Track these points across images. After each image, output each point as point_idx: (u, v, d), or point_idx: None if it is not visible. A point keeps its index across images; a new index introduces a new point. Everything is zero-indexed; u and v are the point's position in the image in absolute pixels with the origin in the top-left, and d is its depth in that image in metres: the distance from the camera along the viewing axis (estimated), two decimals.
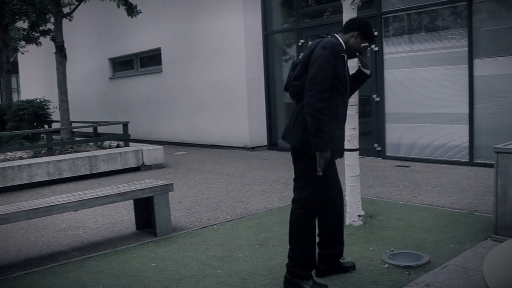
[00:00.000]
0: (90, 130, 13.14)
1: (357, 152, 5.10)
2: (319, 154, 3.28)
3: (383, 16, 9.26)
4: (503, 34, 7.83)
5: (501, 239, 4.26)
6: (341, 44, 3.47)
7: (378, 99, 9.44)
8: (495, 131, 7.97)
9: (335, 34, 3.57)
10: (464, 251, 4.16)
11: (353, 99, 5.04)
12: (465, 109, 8.24)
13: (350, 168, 5.07)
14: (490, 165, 7.65)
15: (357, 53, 3.60)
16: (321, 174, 3.34)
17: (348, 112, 5.05)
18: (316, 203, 3.52)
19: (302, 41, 10.83)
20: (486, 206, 5.62)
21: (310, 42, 3.56)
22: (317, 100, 3.25)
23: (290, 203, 3.63)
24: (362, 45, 3.56)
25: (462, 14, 8.24)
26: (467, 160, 8.28)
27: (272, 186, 7.44)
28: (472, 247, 4.26)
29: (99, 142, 10.79)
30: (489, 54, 7.99)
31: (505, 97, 7.91)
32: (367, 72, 3.69)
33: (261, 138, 11.81)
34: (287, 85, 3.56)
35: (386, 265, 3.92)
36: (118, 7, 10.38)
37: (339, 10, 9.83)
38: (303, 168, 3.49)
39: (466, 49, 8.15)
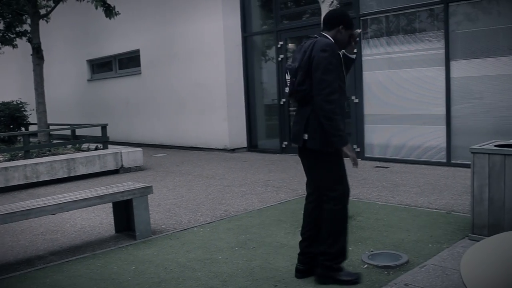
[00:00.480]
0: (68, 132, 12.95)
1: None
2: (345, 149, 3.50)
3: (361, 18, 9.34)
4: (478, 37, 7.95)
5: (477, 238, 4.32)
6: (334, 43, 3.58)
7: (356, 100, 9.51)
8: (471, 132, 8.09)
9: (323, 33, 3.67)
10: (442, 251, 4.21)
11: None
12: (443, 110, 8.34)
13: None
14: (467, 166, 7.71)
15: (352, 42, 3.72)
16: (357, 166, 3.64)
17: None
18: (347, 195, 3.78)
19: (281, 42, 10.86)
20: (463, 206, 5.69)
21: (303, 43, 3.66)
22: (328, 103, 3.41)
23: (270, 204, 3.64)
24: (354, 32, 3.69)
25: (438, 16, 8.35)
26: (445, 161, 8.38)
27: (252, 187, 7.44)
28: (449, 246, 4.31)
29: (77, 145, 10.67)
30: (465, 56, 8.10)
31: (481, 99, 8.03)
32: (353, 56, 3.77)
33: (241, 139, 11.81)
34: (292, 91, 3.59)
35: (366, 266, 3.94)
36: (96, 8, 10.27)
37: (317, 12, 9.86)
38: (328, 167, 3.65)
39: (443, 51, 8.26)
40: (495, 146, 4.45)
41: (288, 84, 3.59)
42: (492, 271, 2.44)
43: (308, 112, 3.55)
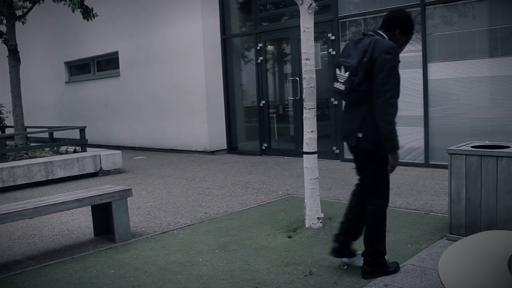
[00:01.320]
0: (46, 135, 12.83)
1: (316, 155, 5.15)
2: (392, 156, 3.52)
3: (340, 20, 9.40)
4: (455, 39, 8.06)
5: (455, 238, 4.38)
6: None
7: (336, 102, 9.56)
8: (449, 133, 8.19)
9: (379, 32, 3.62)
10: (421, 251, 4.25)
11: (311, 102, 5.10)
12: (421, 112, 8.43)
13: (309, 171, 5.12)
14: (445, 166, 7.84)
15: (403, 48, 3.78)
16: (391, 172, 3.63)
17: (306, 115, 5.14)
18: (388, 198, 3.84)
19: (260, 44, 10.88)
20: (441, 206, 5.76)
21: (357, 40, 3.62)
22: (389, 106, 3.44)
23: (250, 206, 3.64)
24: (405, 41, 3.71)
25: (416, 19, 8.43)
26: (423, 162, 8.47)
27: (232, 190, 7.43)
28: (428, 246, 4.36)
29: (55, 148, 10.55)
30: (442, 58, 8.21)
31: (457, 100, 8.14)
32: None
33: (221, 142, 11.79)
34: (350, 89, 3.53)
35: (345, 267, 3.97)
36: (73, 11, 10.17)
37: (296, 14, 9.92)
38: (380, 166, 3.65)
39: (421, 53, 8.36)
40: (472, 147, 4.52)
41: (344, 81, 3.55)
42: (469, 270, 2.47)
43: (364, 111, 3.58)
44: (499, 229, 4.09)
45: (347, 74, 3.53)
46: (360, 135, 3.60)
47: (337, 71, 3.65)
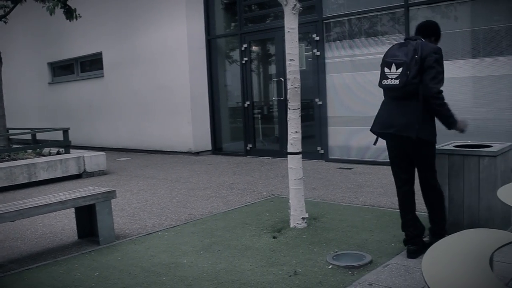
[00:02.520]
0: (29, 137, 12.70)
1: (300, 155, 5.16)
2: (460, 124, 4.10)
3: (324, 21, 9.44)
4: None
5: None
6: None
7: (320, 102, 9.60)
8: None
9: (422, 39, 4.10)
10: (405, 250, 4.27)
11: (296, 103, 5.10)
12: None
13: (294, 171, 5.12)
14: None
15: None
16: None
17: (290, 115, 5.15)
18: None
19: (245, 45, 10.88)
20: (424, 205, 5.79)
21: (403, 43, 4.06)
22: (441, 93, 3.94)
23: (235, 207, 3.64)
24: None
25: (400, 20, 8.51)
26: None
27: (217, 190, 7.42)
28: None
29: (38, 149, 10.45)
30: None
31: None
32: None
33: (205, 142, 11.77)
34: (406, 83, 3.87)
35: (330, 266, 3.98)
36: (51, 14, 10.04)
37: (281, 15, 9.93)
38: (432, 155, 4.14)
39: None
40: (455, 146, 4.56)
41: (396, 76, 3.90)
42: (452, 268, 2.49)
43: (417, 105, 3.93)
44: (482, 227, 4.14)
45: (399, 70, 3.91)
46: (417, 126, 3.93)
47: (386, 69, 4.00)
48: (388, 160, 4.36)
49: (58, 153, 10.18)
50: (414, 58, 3.87)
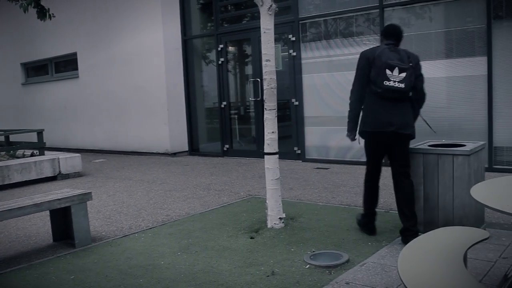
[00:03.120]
0: (2, 139, 12.50)
1: (277, 156, 5.17)
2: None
3: (300, 22, 9.47)
4: (412, 41, 8.22)
5: None
6: None
7: (297, 103, 9.63)
8: None
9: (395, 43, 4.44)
10: (381, 248, 4.32)
11: (272, 103, 5.11)
12: None
13: (271, 172, 5.13)
14: None
15: None
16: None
17: (267, 116, 5.16)
18: None
19: (221, 46, 10.86)
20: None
21: (394, 49, 4.36)
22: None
23: (212, 208, 3.63)
24: None
25: (375, 21, 8.58)
26: (383, 161, 8.59)
27: (194, 191, 7.40)
28: (388, 244, 4.44)
29: (11, 151, 10.28)
30: None
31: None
32: None
33: (182, 143, 11.73)
34: (409, 85, 4.27)
35: (308, 266, 4.00)
36: (25, 12, 9.89)
37: (257, 16, 9.94)
38: (408, 148, 4.54)
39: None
40: (429, 146, 4.62)
41: (401, 80, 4.23)
42: (427, 266, 2.53)
43: (410, 106, 4.40)
44: (456, 225, 4.20)
45: (403, 74, 4.23)
46: (413, 125, 4.44)
47: (388, 71, 4.22)
48: (364, 160, 4.43)
49: (32, 155, 10.04)
50: (410, 65, 4.26)
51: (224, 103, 10.95)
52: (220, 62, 10.92)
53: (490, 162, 7.58)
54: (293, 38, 9.57)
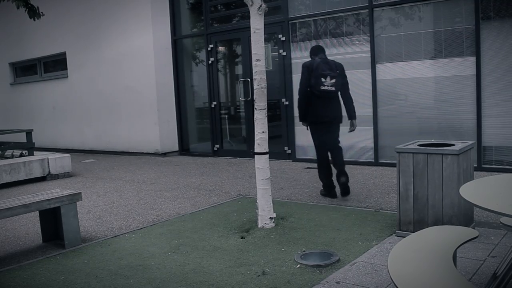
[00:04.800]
0: None
1: (267, 156, 5.18)
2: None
3: (290, 22, 9.49)
4: (401, 41, 8.27)
5: (404, 234, 4.49)
6: None
7: (287, 103, 9.64)
8: (397, 132, 8.40)
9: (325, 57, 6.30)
10: (371, 248, 4.34)
11: (262, 103, 5.12)
12: (370, 112, 8.61)
13: (261, 171, 5.14)
14: (394, 165, 8.04)
15: None
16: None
17: (257, 116, 5.16)
18: None
19: (211, 45, 10.85)
20: (390, 203, 5.90)
21: (324, 60, 6.14)
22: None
23: (203, 208, 3.63)
24: None
25: (364, 21, 8.61)
26: (373, 160, 8.65)
27: (184, 191, 7.39)
28: (378, 243, 4.46)
29: (0, 152, 10.21)
30: (389, 59, 8.40)
31: (405, 100, 8.35)
32: None
33: (172, 143, 11.70)
34: (338, 88, 6.12)
35: (298, 265, 4.01)
36: (18, 8, 9.84)
37: (247, 16, 9.95)
38: (339, 129, 6.42)
39: (369, 54, 8.54)
40: (419, 145, 4.65)
41: (332, 85, 6.03)
42: (417, 265, 2.54)
43: (339, 102, 6.28)
44: (445, 224, 4.23)
45: (333, 80, 6.03)
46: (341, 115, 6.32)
47: (322, 79, 5.98)
48: (354, 159, 4.44)
49: (21, 155, 9.97)
50: (337, 72, 6.07)
51: (214, 103, 10.94)
52: (210, 62, 10.91)
53: (479, 162, 7.64)
54: (283, 38, 9.59)
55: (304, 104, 6.19)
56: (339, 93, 6.18)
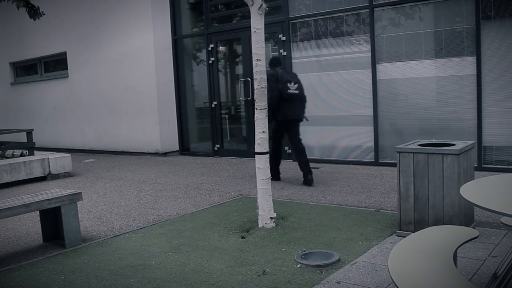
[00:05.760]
0: None
1: (268, 155, 5.18)
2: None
3: (290, 21, 9.49)
4: (402, 41, 8.26)
5: (404, 234, 4.49)
6: None
7: None
8: (397, 132, 8.40)
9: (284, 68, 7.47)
10: (372, 248, 4.34)
11: (262, 103, 5.12)
12: (370, 112, 8.61)
13: (261, 171, 5.14)
14: (394, 165, 8.05)
15: None
16: None
17: (258, 115, 5.16)
18: None
19: (211, 45, 10.85)
20: (390, 203, 5.90)
21: (286, 71, 7.40)
22: None
23: (203, 208, 3.63)
24: None
25: (365, 21, 8.61)
26: (373, 160, 8.65)
27: (185, 191, 7.39)
28: (379, 243, 4.46)
29: (0, 152, 10.21)
30: (390, 59, 8.40)
31: (405, 100, 8.35)
32: None
33: (173, 143, 11.71)
34: (302, 93, 7.32)
35: (299, 265, 4.01)
36: (18, 8, 9.85)
37: (247, 15, 9.95)
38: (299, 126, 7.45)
39: (369, 54, 8.53)
40: (419, 145, 4.65)
41: (296, 89, 7.16)
42: (418, 265, 2.54)
43: (302, 103, 7.36)
44: (446, 224, 4.23)
45: (296, 85, 7.17)
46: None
47: (288, 84, 7.07)
48: (354, 159, 4.42)
49: (21, 155, 9.98)
50: (298, 79, 7.26)
51: (215, 102, 10.94)
52: (210, 62, 10.91)
53: (479, 161, 7.64)
54: (283, 38, 9.58)
55: (275, 106, 7.09)
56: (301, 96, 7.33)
